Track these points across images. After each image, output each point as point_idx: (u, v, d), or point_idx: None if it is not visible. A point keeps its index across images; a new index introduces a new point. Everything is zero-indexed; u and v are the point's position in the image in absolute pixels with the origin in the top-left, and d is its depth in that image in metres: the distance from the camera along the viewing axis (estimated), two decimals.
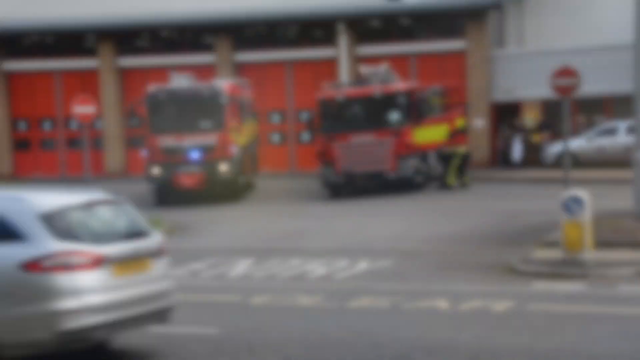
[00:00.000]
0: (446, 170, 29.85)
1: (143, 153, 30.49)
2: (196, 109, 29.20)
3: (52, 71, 43.84)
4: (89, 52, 43.47)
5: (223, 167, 28.57)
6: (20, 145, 44.38)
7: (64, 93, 43.18)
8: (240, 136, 30.67)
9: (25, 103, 44.10)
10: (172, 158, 28.65)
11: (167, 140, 28.75)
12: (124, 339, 10.61)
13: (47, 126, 44.21)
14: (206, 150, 28.72)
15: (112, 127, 42.70)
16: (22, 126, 44.43)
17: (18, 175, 42.98)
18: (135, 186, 35.23)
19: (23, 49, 44.69)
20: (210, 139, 28.85)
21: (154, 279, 9.91)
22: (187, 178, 28.55)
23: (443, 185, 29.69)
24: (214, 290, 14.25)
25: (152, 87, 29.60)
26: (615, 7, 39.41)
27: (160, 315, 9.98)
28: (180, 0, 42.33)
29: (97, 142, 42.68)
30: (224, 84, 30.63)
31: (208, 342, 10.59)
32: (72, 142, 43.58)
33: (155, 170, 28.72)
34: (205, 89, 29.48)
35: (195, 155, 28.70)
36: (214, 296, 13.70)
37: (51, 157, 44.16)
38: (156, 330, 11.25)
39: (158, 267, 10.02)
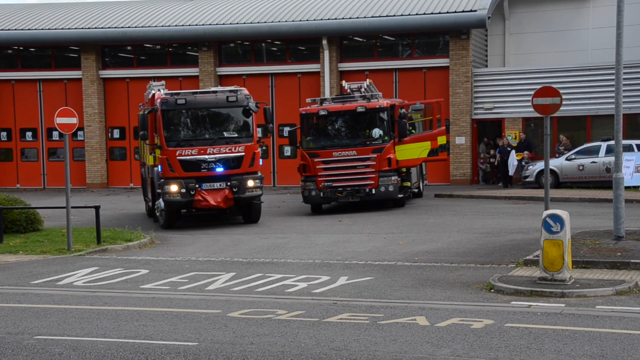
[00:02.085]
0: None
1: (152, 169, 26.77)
2: (221, 117, 26.14)
3: (34, 81, 43.76)
4: (72, 63, 43.40)
5: (252, 182, 25.49)
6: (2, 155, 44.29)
7: (46, 103, 43.14)
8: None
9: (8, 113, 43.99)
10: (192, 173, 25.11)
11: (187, 153, 25.07)
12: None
13: (28, 136, 44.09)
14: (233, 163, 25.39)
15: (94, 139, 42.68)
16: (3, 137, 44.30)
17: None
18: (127, 201, 35.19)
19: (5, 60, 44.58)
20: (238, 150, 25.38)
21: None
22: (211, 195, 25.13)
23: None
24: (194, 304, 14.18)
25: (165, 93, 26.02)
26: (594, 29, 39.84)
27: None
28: (165, 14, 42.47)
29: (77, 153, 42.69)
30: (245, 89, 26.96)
31: (187, 354, 10.52)
32: (53, 153, 43.58)
33: (174, 188, 24.98)
34: (231, 94, 25.76)
35: (220, 169, 25.24)
36: (193, 309, 13.63)
37: (33, 167, 44.07)
38: (136, 341, 11.21)
39: None
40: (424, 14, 38.72)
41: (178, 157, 24.97)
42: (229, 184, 25.09)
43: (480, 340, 10.99)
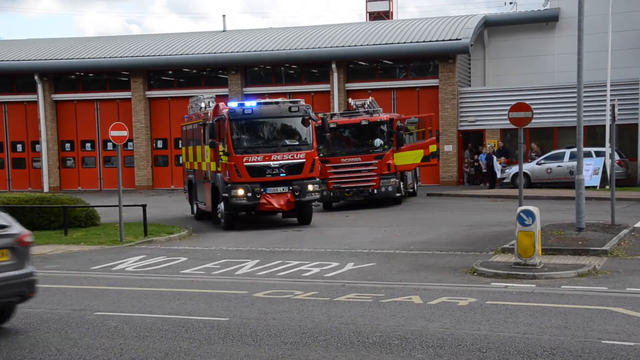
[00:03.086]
0: None
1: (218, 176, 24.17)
2: (283, 126, 24.16)
3: (92, 101, 44.00)
4: (124, 85, 43.62)
5: (311, 187, 23.72)
6: (66, 163, 44.53)
7: (102, 119, 43.33)
8: None
9: (71, 128, 44.26)
10: (258, 178, 23.30)
11: (253, 159, 23.25)
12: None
13: (88, 147, 44.32)
14: (295, 169, 23.50)
15: (141, 149, 42.85)
16: (67, 147, 44.54)
17: (64, 189, 43.09)
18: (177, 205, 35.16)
19: (69, 84, 44.83)
20: (300, 157, 23.54)
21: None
22: (275, 198, 23.38)
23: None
24: (225, 286, 14.23)
25: (232, 103, 24.12)
26: (559, 55, 39.86)
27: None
28: (200, 44, 42.62)
29: (128, 161, 42.86)
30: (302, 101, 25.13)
31: (220, 328, 10.59)
32: (108, 161, 43.77)
33: (240, 192, 23.22)
34: (293, 104, 23.99)
35: (283, 174, 23.38)
36: (224, 290, 13.69)
37: (91, 172, 44.27)
38: (177, 317, 11.28)
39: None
40: (417, 42, 38.80)
41: (245, 163, 23.14)
42: (291, 188, 23.36)
43: (465, 315, 11.01)
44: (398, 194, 29.48)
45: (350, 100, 33.17)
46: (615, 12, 35.05)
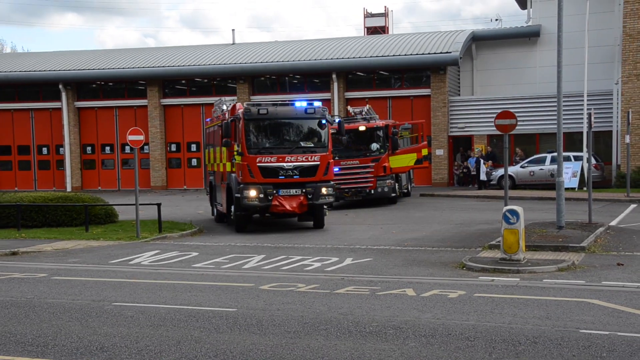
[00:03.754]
0: None
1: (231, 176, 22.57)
2: (298, 127, 22.18)
3: (111, 108, 44.00)
4: (140, 94, 43.61)
5: (325, 190, 21.80)
6: (87, 164, 44.52)
7: (120, 125, 43.32)
8: None
9: (92, 132, 44.23)
10: (271, 179, 21.46)
11: (267, 160, 21.44)
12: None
13: (107, 150, 44.29)
14: (309, 171, 21.62)
15: (156, 152, 42.83)
16: (89, 150, 44.52)
17: (85, 188, 43.07)
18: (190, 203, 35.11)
19: (90, 92, 44.82)
20: (314, 159, 21.65)
21: None
22: (287, 201, 21.48)
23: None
24: (233, 279, 14.21)
25: (247, 104, 22.33)
26: (541, 67, 39.88)
27: None
28: (211, 56, 42.60)
29: (144, 163, 42.83)
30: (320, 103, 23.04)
31: (228, 318, 10.56)
32: (125, 163, 43.75)
33: (252, 193, 21.34)
34: (309, 106, 22.11)
35: (297, 176, 21.52)
36: (233, 283, 13.66)
37: (110, 174, 44.25)
38: (189, 307, 11.25)
39: None
40: (411, 54, 38.77)
41: (258, 164, 21.30)
42: (304, 190, 21.48)
43: (455, 306, 10.98)
44: (393, 194, 29.45)
45: (349, 107, 33.17)
46: (591, 29, 35.12)
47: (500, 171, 34.17)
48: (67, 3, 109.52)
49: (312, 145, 21.87)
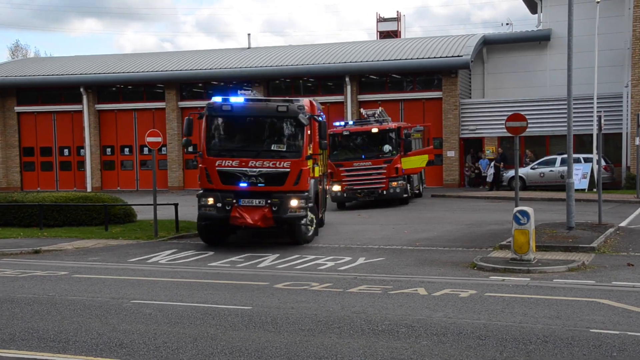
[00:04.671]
0: None
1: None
2: (268, 127, 18.34)
3: (131, 110, 44.17)
4: (158, 96, 43.75)
5: (295, 202, 17.92)
6: (107, 165, 44.71)
7: (139, 127, 43.48)
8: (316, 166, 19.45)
9: (111, 134, 44.43)
10: (231, 187, 17.91)
11: (227, 164, 17.93)
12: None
13: (126, 151, 44.48)
14: (277, 179, 17.85)
15: (174, 153, 42.95)
16: (108, 152, 44.71)
17: (105, 189, 43.27)
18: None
19: (110, 95, 45.02)
20: (283, 165, 17.84)
21: None
22: (249, 212, 17.79)
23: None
24: (248, 278, 14.21)
25: (216, 98, 18.66)
26: (551, 70, 39.67)
27: None
28: (227, 60, 42.67)
29: (162, 164, 42.96)
30: (302, 100, 18.88)
31: (243, 315, 10.56)
32: (144, 164, 43.90)
33: (210, 200, 18.02)
34: (282, 103, 18.06)
35: (261, 185, 17.79)
36: (248, 282, 13.66)
37: (129, 174, 44.42)
38: (205, 305, 11.26)
39: None
40: (423, 58, 38.66)
41: (217, 168, 17.91)
42: (269, 201, 17.72)
43: (466, 306, 10.93)
44: (405, 195, 29.38)
45: (362, 110, 33.09)
46: (601, 33, 34.88)
47: (511, 172, 34.04)
48: (87, 9, 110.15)
49: (284, 149, 18.02)
